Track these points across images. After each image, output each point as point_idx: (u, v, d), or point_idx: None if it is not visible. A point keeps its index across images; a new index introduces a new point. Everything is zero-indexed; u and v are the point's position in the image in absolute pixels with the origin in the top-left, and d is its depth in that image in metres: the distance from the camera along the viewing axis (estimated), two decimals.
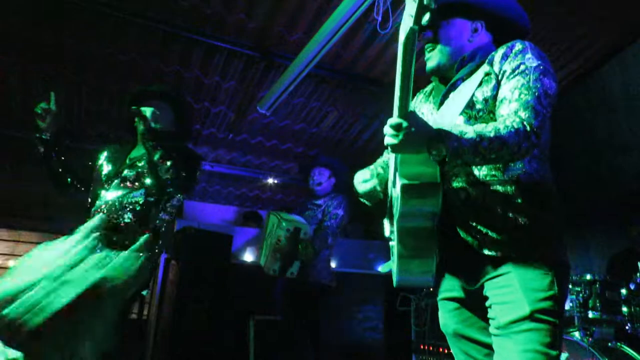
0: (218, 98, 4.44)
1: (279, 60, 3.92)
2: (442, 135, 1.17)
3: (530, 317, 1.20)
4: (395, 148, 1.19)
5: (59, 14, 3.38)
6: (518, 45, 1.38)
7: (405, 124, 1.14)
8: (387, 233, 1.53)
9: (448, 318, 1.49)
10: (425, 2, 1.02)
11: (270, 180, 5.89)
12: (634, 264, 3.05)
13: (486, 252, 1.28)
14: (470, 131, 1.19)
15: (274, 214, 3.25)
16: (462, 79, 1.44)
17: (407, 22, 1.05)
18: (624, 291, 2.88)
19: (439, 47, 1.48)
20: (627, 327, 2.84)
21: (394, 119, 1.16)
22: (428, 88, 1.66)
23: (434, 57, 1.49)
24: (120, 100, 4.16)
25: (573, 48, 4.09)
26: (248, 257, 5.04)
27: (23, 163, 4.97)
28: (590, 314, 2.78)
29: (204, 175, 5.82)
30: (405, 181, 1.17)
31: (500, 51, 1.40)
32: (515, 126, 1.20)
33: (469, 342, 1.44)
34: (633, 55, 4.03)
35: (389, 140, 1.18)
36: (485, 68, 1.39)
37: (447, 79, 1.52)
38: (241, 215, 6.25)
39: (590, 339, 2.68)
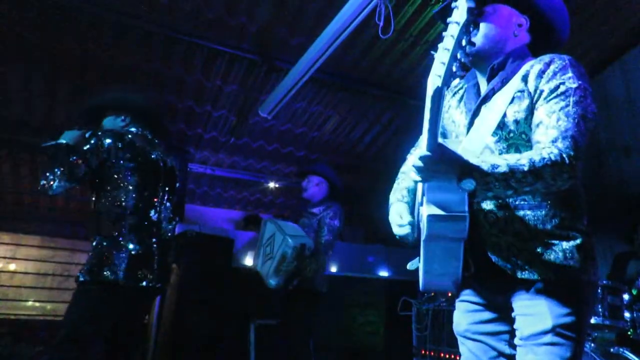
0: (219, 102, 4.45)
1: (280, 64, 3.93)
2: (473, 169, 1.12)
3: (552, 331, 1.20)
4: (424, 180, 1.15)
5: (59, 16, 3.39)
6: (557, 62, 1.27)
7: (434, 157, 1.11)
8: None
9: (462, 318, 1.48)
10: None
11: (272, 184, 5.89)
12: (637, 268, 3.04)
13: (519, 275, 1.27)
14: (503, 164, 1.13)
15: (272, 222, 3.20)
16: (494, 90, 1.37)
17: (434, 81, 1.00)
18: (626, 296, 2.87)
19: (483, 31, 1.37)
20: (629, 333, 2.83)
21: (423, 152, 1.11)
22: (459, 89, 1.55)
23: (476, 40, 1.36)
24: None
25: (575, 51, 4.09)
26: (249, 261, 5.01)
27: (23, 166, 4.98)
28: (593, 319, 2.76)
29: (205, 179, 5.82)
30: (431, 211, 1.15)
31: (537, 67, 1.29)
32: (553, 158, 1.13)
33: (478, 343, 1.44)
34: (635, 58, 4.03)
35: (418, 172, 1.14)
36: (518, 85, 1.30)
37: (479, 78, 1.46)
38: (242, 219, 6.24)
39: (592, 344, 2.67)
